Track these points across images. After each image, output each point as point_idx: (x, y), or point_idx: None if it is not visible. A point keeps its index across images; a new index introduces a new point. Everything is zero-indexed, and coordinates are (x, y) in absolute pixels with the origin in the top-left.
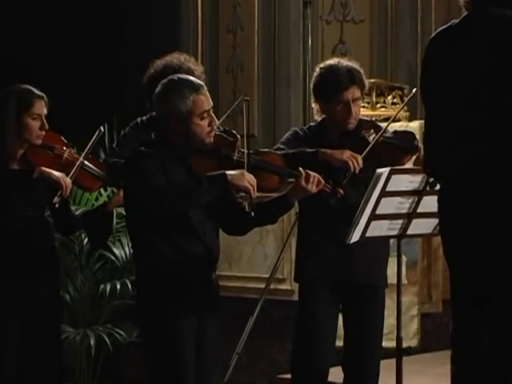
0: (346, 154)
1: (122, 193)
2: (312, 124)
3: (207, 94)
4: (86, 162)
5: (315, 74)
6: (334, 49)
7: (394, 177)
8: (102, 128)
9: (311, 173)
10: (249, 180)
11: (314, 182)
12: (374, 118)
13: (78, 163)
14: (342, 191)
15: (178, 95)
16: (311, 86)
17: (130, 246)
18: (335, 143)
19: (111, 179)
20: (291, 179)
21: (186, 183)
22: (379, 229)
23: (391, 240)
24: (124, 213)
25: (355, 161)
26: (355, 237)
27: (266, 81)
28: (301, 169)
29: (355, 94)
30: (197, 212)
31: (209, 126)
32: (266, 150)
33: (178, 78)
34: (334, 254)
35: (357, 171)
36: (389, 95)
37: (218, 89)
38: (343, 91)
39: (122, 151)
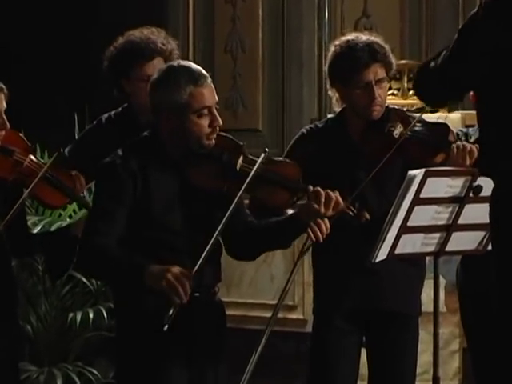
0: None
1: None
2: (330, 116)
3: (211, 87)
4: (50, 173)
5: (330, 52)
6: (356, 23)
7: (429, 180)
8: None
9: (322, 192)
10: (170, 278)
11: (329, 203)
12: (405, 108)
13: (40, 173)
14: (367, 215)
15: (173, 84)
16: (326, 68)
17: None
18: (357, 139)
19: (80, 197)
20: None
21: (115, 258)
22: (411, 244)
23: (427, 258)
24: None
25: (319, 228)
26: (382, 254)
27: (272, 63)
28: (310, 187)
29: (378, 73)
30: (185, 225)
31: (209, 126)
32: (283, 159)
33: (178, 64)
34: (354, 275)
35: (320, 240)
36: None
37: (214, 73)
38: (362, 70)
39: (70, 157)
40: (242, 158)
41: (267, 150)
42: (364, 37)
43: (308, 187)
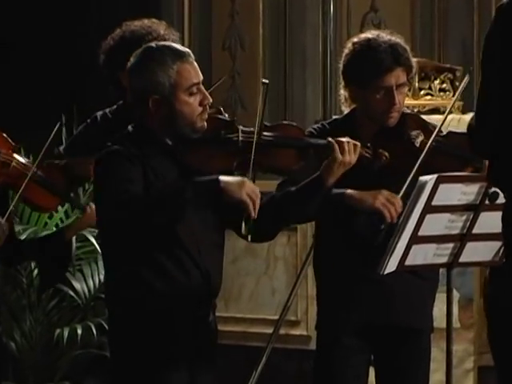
0: (380, 200)
1: (87, 217)
2: (337, 117)
3: (195, 64)
4: (39, 173)
5: (347, 50)
6: (363, 19)
7: (442, 186)
8: (60, 123)
9: (344, 139)
10: (248, 191)
11: (350, 149)
12: (416, 110)
13: (29, 174)
14: (386, 153)
15: (158, 64)
16: (340, 66)
17: (93, 277)
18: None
19: (73, 198)
20: (318, 152)
21: (163, 189)
22: (423, 255)
23: (439, 270)
24: (87, 235)
25: (392, 207)
26: (391, 266)
27: (273, 61)
28: (330, 139)
29: (400, 77)
30: (189, 223)
31: (200, 105)
32: (285, 122)
33: (156, 44)
34: (362, 287)
35: (394, 220)
36: (436, 79)
37: (211, 71)
38: (385, 74)
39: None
40: (240, 130)
41: (265, 80)
42: (386, 37)
43: (329, 140)
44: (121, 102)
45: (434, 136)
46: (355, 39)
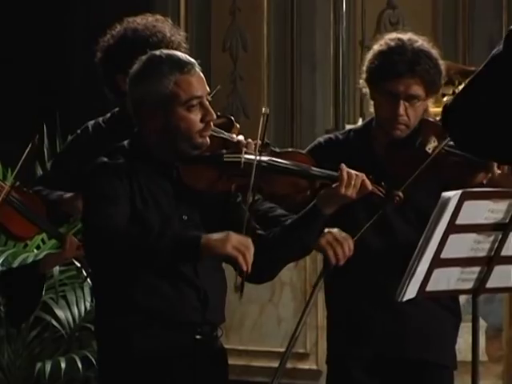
0: (327, 238)
1: (66, 252)
2: (352, 127)
3: (200, 75)
4: (14, 195)
5: (374, 47)
6: (379, 17)
7: (467, 203)
8: (33, 143)
9: (352, 172)
10: (235, 244)
11: (356, 183)
12: (438, 118)
13: (1, 195)
14: (400, 194)
15: (155, 73)
16: (364, 62)
17: (78, 305)
18: (383, 154)
19: (53, 228)
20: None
21: (144, 233)
22: (446, 280)
23: (463, 297)
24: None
25: (339, 248)
26: (411, 292)
27: (279, 63)
28: (343, 165)
29: (411, 88)
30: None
31: (201, 121)
32: (290, 149)
33: (161, 52)
34: (376, 316)
35: (340, 263)
36: (460, 84)
37: (210, 75)
38: (393, 79)
39: (55, 175)
40: (243, 152)
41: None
42: (418, 42)
43: (332, 173)
44: (116, 110)
45: (446, 142)
46: (388, 35)
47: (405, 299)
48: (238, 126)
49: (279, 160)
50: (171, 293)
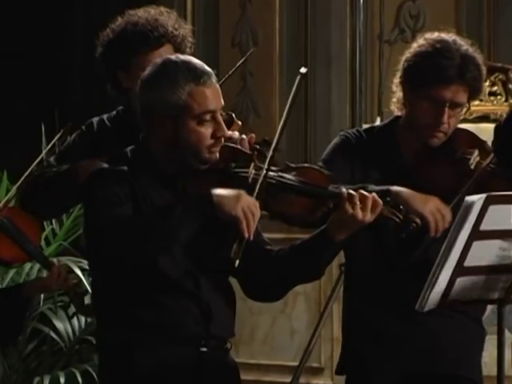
0: (430, 207)
1: (53, 280)
2: (378, 125)
3: (217, 87)
4: (8, 217)
5: (415, 44)
6: (398, 9)
7: (492, 208)
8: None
9: (364, 193)
10: (244, 207)
11: (366, 205)
12: (461, 117)
13: None
14: (418, 221)
15: (169, 81)
16: (404, 59)
17: (78, 316)
18: (411, 159)
19: (44, 256)
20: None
21: (152, 211)
22: (470, 289)
23: (488, 308)
24: (71, 266)
25: (441, 219)
26: (432, 302)
27: (292, 59)
28: (343, 188)
29: (458, 96)
30: (186, 253)
31: (212, 136)
32: (306, 164)
33: (177, 57)
34: (398, 330)
35: (438, 235)
36: (485, 81)
37: (219, 72)
38: (442, 85)
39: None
40: (252, 166)
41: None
42: (464, 46)
43: (341, 191)
44: (121, 108)
45: (491, 158)
46: (428, 35)
47: (426, 309)
48: (239, 123)
49: (289, 177)
50: (172, 306)
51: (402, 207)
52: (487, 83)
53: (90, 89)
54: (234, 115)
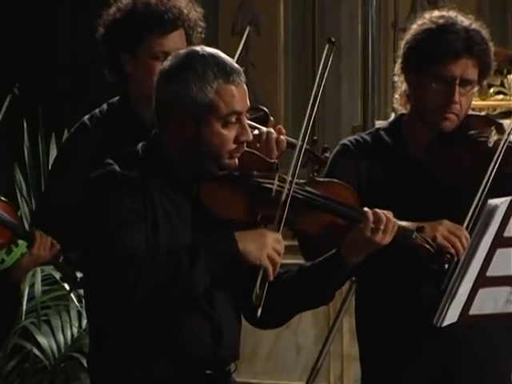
0: (442, 231)
1: (37, 249)
2: (381, 126)
3: (244, 87)
4: None
5: (414, 25)
6: None
7: None
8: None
9: (384, 214)
10: (271, 254)
11: (387, 228)
12: (483, 113)
13: None
14: (453, 251)
15: (196, 76)
16: (404, 42)
17: (64, 331)
18: (422, 154)
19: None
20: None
21: (170, 251)
22: (492, 301)
23: None
24: (56, 275)
25: (458, 240)
26: (452, 316)
27: (298, 49)
28: (366, 209)
29: (468, 71)
30: None
31: (235, 141)
32: (329, 179)
33: (203, 50)
34: (419, 346)
35: (459, 257)
36: (510, 73)
37: None
38: (450, 61)
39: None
40: (277, 177)
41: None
42: (467, 21)
43: (367, 213)
44: (116, 99)
45: (509, 132)
46: (427, 14)
47: (445, 324)
48: (272, 119)
49: (318, 193)
50: (181, 323)
51: (437, 236)
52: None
53: (75, 83)
54: (267, 110)
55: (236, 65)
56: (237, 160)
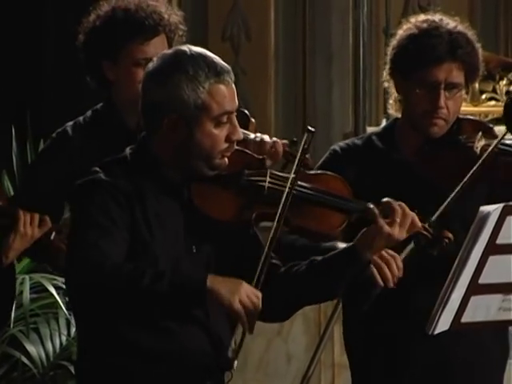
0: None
1: (21, 227)
2: (373, 131)
3: (233, 86)
4: None
5: (400, 30)
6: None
7: (510, 219)
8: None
9: (400, 206)
10: (244, 300)
11: (404, 222)
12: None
13: None
14: (450, 235)
15: (188, 77)
16: (390, 48)
17: (53, 339)
18: (414, 159)
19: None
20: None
21: (137, 269)
22: (485, 309)
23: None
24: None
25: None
26: (443, 324)
27: (289, 55)
28: (387, 198)
29: (453, 74)
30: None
31: (226, 140)
32: (320, 171)
33: (190, 50)
34: (407, 354)
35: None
36: (502, 79)
37: None
38: (433, 65)
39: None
40: (269, 174)
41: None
42: (452, 23)
43: (367, 205)
44: (100, 106)
45: (501, 137)
46: (413, 19)
47: (436, 332)
48: (253, 120)
49: (313, 187)
50: (179, 332)
51: (433, 222)
52: (504, 82)
53: (63, 88)
54: (247, 112)
55: (225, 64)
56: (227, 160)
